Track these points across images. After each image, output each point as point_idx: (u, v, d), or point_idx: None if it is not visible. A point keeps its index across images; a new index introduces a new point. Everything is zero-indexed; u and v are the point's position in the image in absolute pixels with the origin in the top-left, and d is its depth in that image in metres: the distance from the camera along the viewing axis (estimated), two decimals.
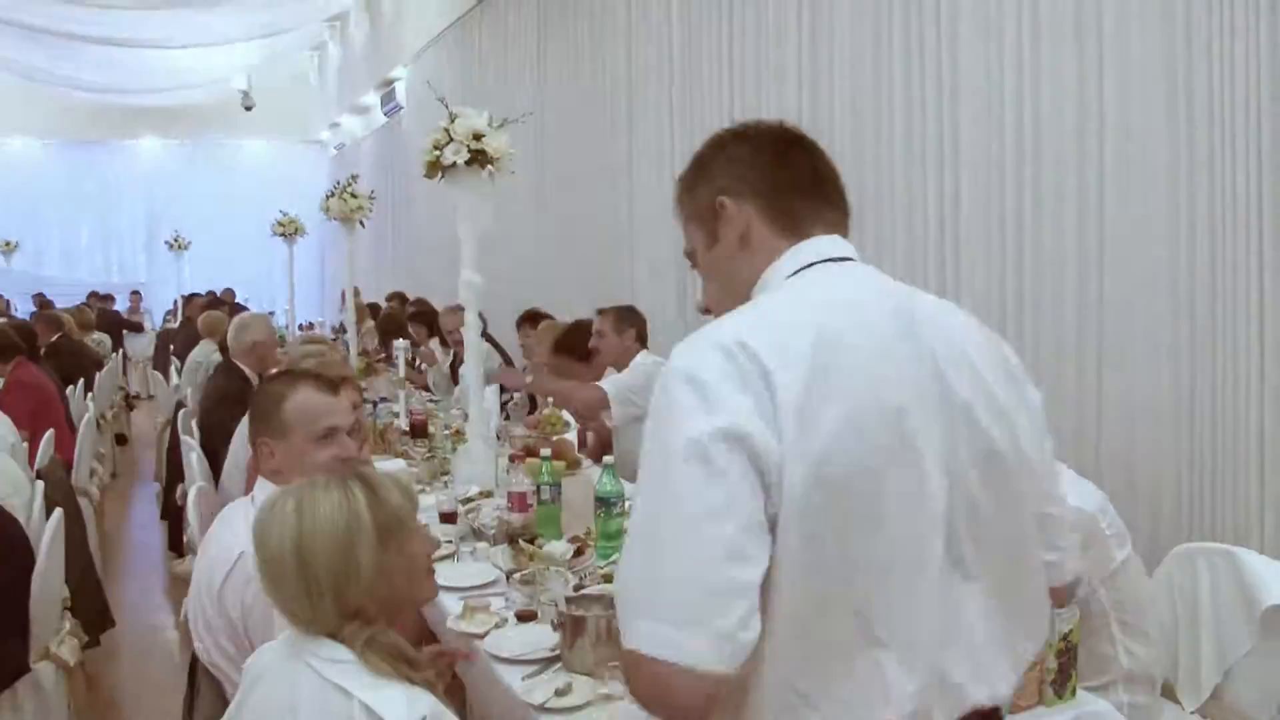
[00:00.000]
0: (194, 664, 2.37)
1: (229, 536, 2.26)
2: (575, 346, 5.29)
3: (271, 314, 10.04)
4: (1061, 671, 2.21)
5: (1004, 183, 3.83)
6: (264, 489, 2.35)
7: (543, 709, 2.17)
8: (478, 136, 3.96)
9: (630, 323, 5.00)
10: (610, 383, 4.81)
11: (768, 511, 1.26)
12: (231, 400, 4.70)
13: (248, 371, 5.15)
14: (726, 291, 1.56)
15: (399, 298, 10.02)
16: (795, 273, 1.49)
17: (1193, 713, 2.75)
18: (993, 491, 1.42)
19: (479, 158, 3.98)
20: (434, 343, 7.72)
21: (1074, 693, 2.23)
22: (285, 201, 11.34)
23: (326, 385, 2.52)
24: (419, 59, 11.21)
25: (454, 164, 3.96)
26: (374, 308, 9.98)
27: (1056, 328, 3.64)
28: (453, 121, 3.97)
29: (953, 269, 4.10)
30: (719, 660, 1.22)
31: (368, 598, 1.70)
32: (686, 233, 1.65)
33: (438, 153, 3.97)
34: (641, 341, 5.01)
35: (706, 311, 1.61)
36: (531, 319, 6.21)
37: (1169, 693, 2.75)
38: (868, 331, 1.39)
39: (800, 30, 4.88)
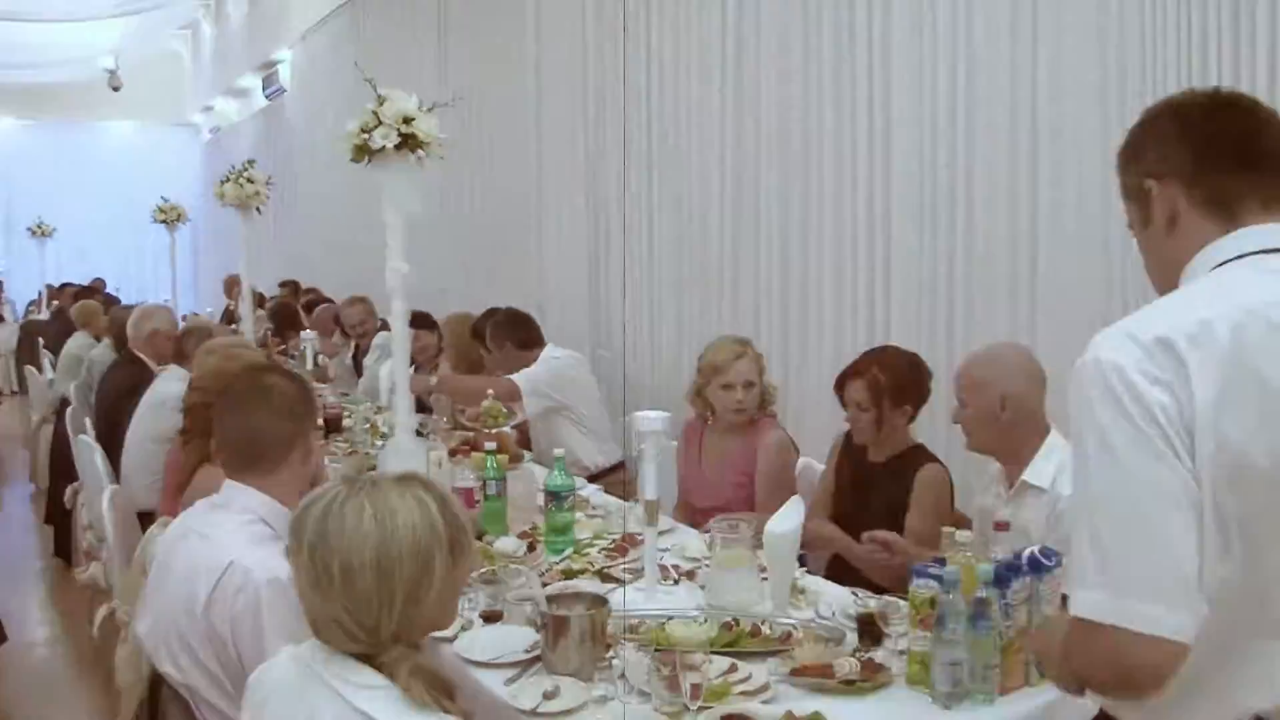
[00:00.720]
0: (153, 685, 2.22)
1: (208, 547, 2.11)
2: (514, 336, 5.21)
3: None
4: None
5: (936, 179, 3.87)
6: (240, 493, 2.21)
7: (534, 714, 2.10)
8: (407, 120, 3.81)
9: (506, 334, 4.96)
10: (522, 375, 4.71)
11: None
12: (134, 394, 4.48)
13: (149, 363, 4.92)
14: (1158, 273, 1.56)
15: (291, 287, 9.71)
16: (1223, 264, 1.45)
17: None
18: None
19: (408, 142, 3.84)
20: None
21: None
22: (156, 187, 10.87)
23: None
24: (305, 41, 10.87)
25: (382, 148, 3.81)
26: (260, 298, 9.63)
27: (989, 323, 3.69)
28: (381, 104, 3.81)
29: (883, 268, 4.14)
30: (1189, 633, 1.30)
31: (427, 618, 1.59)
32: (1126, 208, 1.62)
33: (365, 136, 3.81)
34: (527, 345, 4.93)
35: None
36: (418, 323, 6.03)
37: None
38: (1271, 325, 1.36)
39: (724, 17, 4.86)
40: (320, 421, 4.80)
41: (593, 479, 4.39)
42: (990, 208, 3.69)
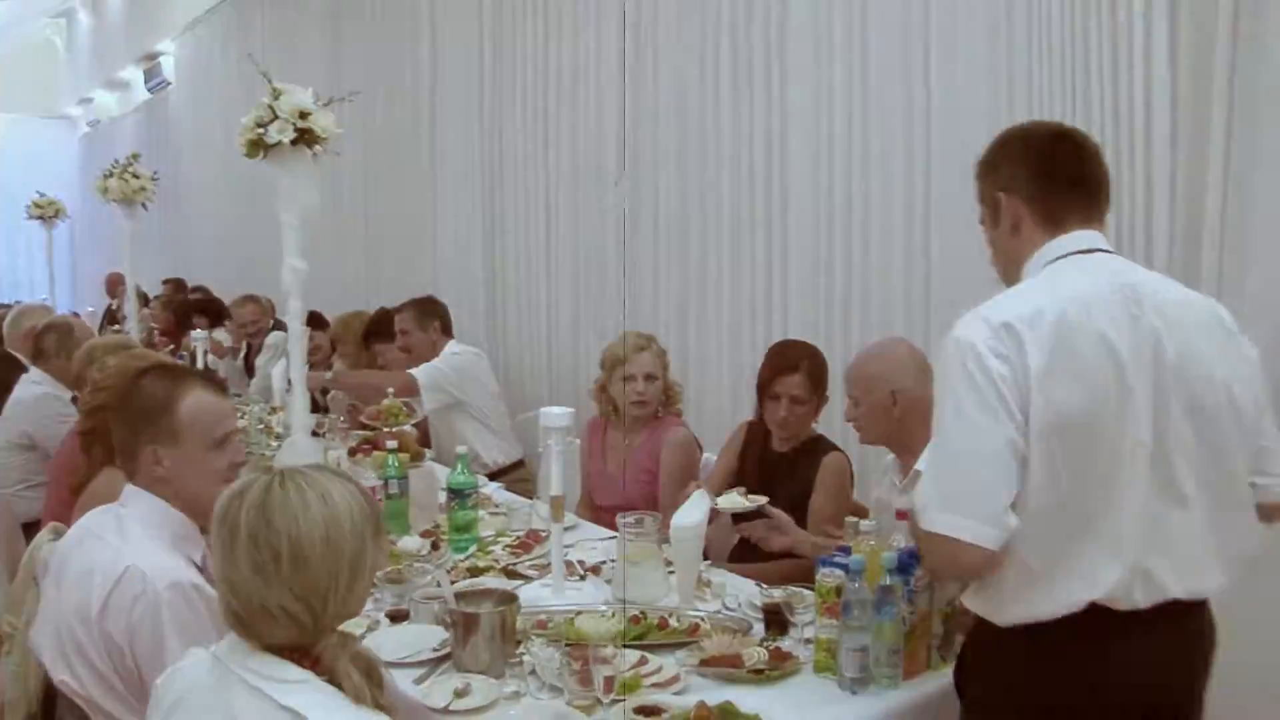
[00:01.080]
0: (48, 698, 2.14)
1: (104, 552, 2.04)
2: (385, 332, 5.15)
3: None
4: (947, 636, 2.30)
5: (832, 182, 3.93)
6: (137, 498, 2.13)
7: (446, 712, 2.09)
8: (304, 114, 3.74)
9: (433, 314, 4.94)
10: (422, 370, 4.69)
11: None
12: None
13: (25, 362, 4.77)
14: (1002, 264, 2.03)
15: (174, 285, 9.44)
16: (1053, 261, 1.90)
17: None
18: (1203, 434, 1.84)
19: (304, 136, 3.77)
20: (219, 333, 7.30)
21: (957, 655, 2.33)
22: (30, 181, 10.41)
23: (215, 385, 2.31)
24: (190, 33, 10.56)
25: (278, 143, 3.73)
26: (144, 297, 9.35)
27: (884, 321, 3.76)
28: (277, 98, 3.74)
29: (780, 268, 4.20)
30: (996, 543, 1.76)
31: (357, 598, 1.58)
32: (981, 209, 2.06)
33: (260, 131, 3.73)
34: (447, 332, 4.93)
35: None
36: (312, 322, 5.92)
37: None
38: (1100, 310, 1.80)
39: (623, 19, 4.87)
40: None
41: (493, 476, 4.38)
42: (885, 209, 3.76)
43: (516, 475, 4.68)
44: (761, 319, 4.25)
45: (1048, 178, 1.93)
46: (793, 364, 3.27)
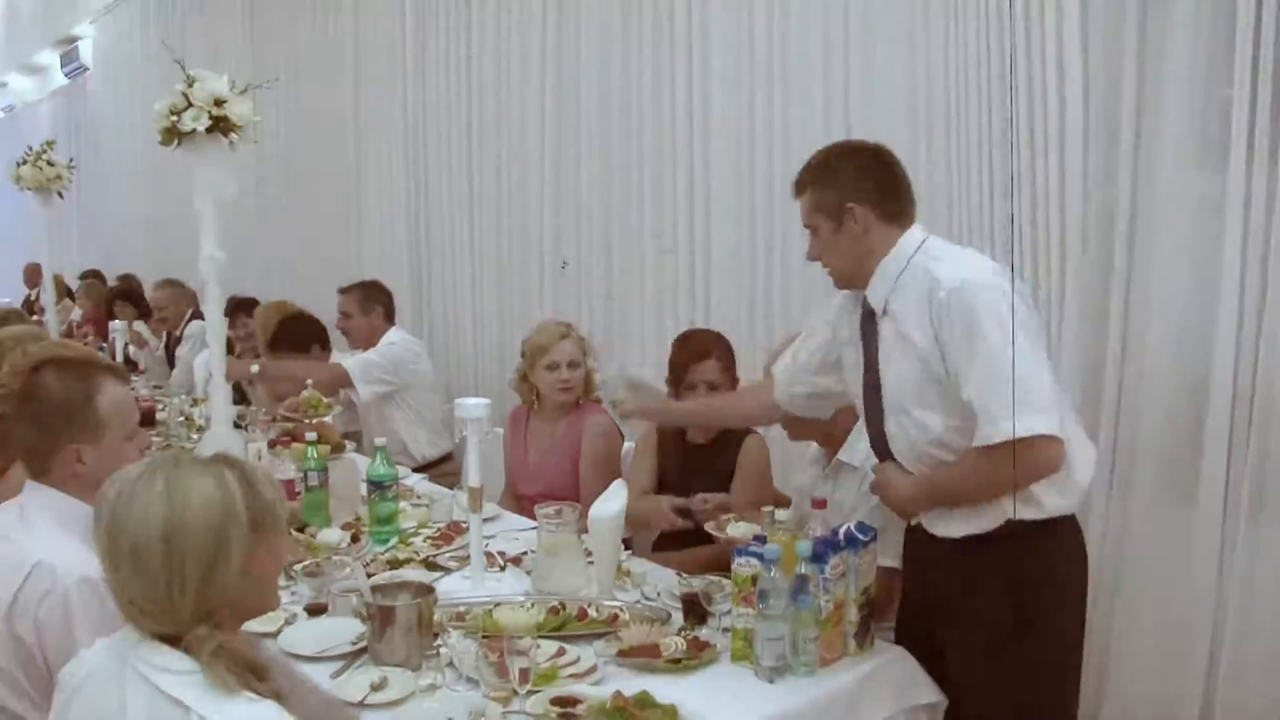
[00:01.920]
0: None
1: (11, 548, 1.98)
2: (295, 341, 5.02)
3: None
4: (863, 623, 2.33)
5: (754, 168, 3.96)
6: (41, 494, 2.08)
7: (363, 706, 2.07)
8: (219, 102, 3.67)
9: (376, 300, 4.86)
10: (353, 361, 4.64)
11: None
12: None
13: None
14: (846, 263, 2.36)
15: (95, 275, 9.23)
16: (918, 249, 2.29)
17: None
18: None
19: (220, 124, 3.71)
20: (140, 325, 7.16)
21: (872, 643, 2.37)
22: None
23: (120, 374, 2.26)
24: (109, 16, 10.31)
25: (193, 131, 3.66)
26: (64, 288, 9.13)
27: (806, 310, 3.78)
28: (191, 85, 3.66)
29: (703, 256, 4.22)
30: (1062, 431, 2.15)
31: (227, 597, 1.54)
32: (810, 217, 2.37)
33: (175, 118, 3.65)
34: (389, 319, 4.88)
35: (815, 259, 2.41)
36: (243, 307, 5.83)
37: None
38: None
39: (545, 8, 4.85)
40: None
41: (423, 469, 4.34)
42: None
43: (446, 468, 4.65)
44: (684, 306, 4.27)
45: (886, 189, 2.33)
46: (704, 350, 3.29)
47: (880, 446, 2.39)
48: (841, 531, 2.32)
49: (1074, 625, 2.36)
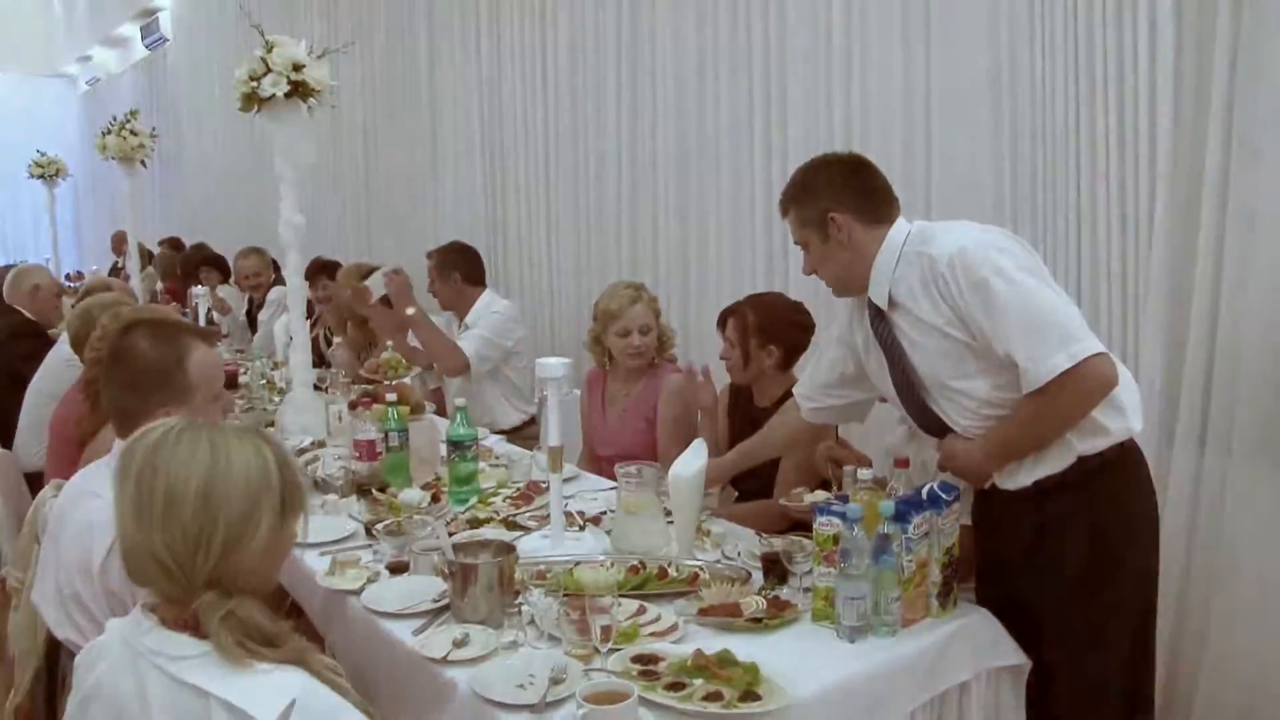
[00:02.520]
0: (51, 653, 2.15)
1: (104, 505, 2.03)
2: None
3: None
4: (945, 584, 2.30)
5: (831, 124, 3.89)
6: None
7: (445, 662, 2.09)
8: (297, 67, 3.71)
9: (453, 265, 4.78)
10: (472, 346, 4.53)
11: None
12: (26, 346, 4.38)
13: (32, 317, 4.80)
14: (840, 271, 2.46)
15: (172, 243, 9.42)
16: (906, 239, 2.37)
17: None
18: None
19: (299, 89, 3.74)
20: (224, 289, 7.29)
21: (955, 603, 2.33)
22: (31, 141, 10.37)
23: (209, 339, 2.32)
24: None
25: (272, 96, 3.70)
26: (148, 254, 9.35)
27: None
28: (270, 51, 3.70)
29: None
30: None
31: (242, 569, 1.53)
32: (799, 233, 2.49)
33: (254, 84, 3.70)
34: (472, 281, 4.79)
35: (812, 272, 2.52)
36: (323, 270, 5.88)
37: None
38: None
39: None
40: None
41: (510, 434, 4.34)
42: (885, 156, 3.71)
43: (528, 432, 4.61)
44: (762, 268, 4.23)
45: (865, 195, 2.41)
46: (732, 309, 3.42)
47: (935, 427, 2.42)
48: (925, 491, 2.28)
49: (1148, 560, 2.38)
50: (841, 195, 2.40)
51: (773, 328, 3.32)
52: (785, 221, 2.54)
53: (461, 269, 4.71)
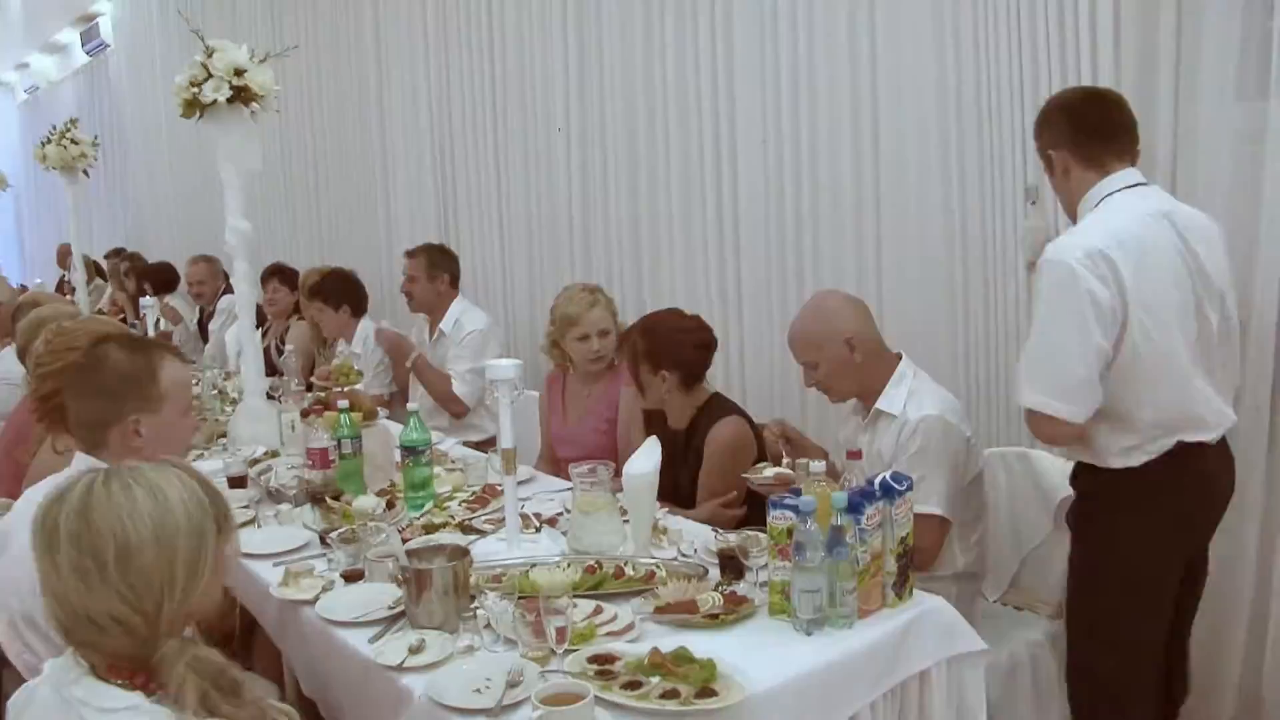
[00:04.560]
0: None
1: None
2: (332, 293, 5.05)
3: None
4: (901, 573, 2.31)
5: (780, 125, 3.90)
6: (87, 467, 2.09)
7: (402, 669, 2.07)
8: (239, 72, 3.67)
9: (443, 266, 4.78)
10: (464, 384, 4.53)
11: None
12: None
13: None
14: (1065, 203, 2.56)
15: (121, 254, 9.28)
16: (1107, 196, 2.42)
17: (995, 601, 2.96)
18: (1223, 324, 2.42)
19: (241, 94, 3.70)
20: (173, 299, 7.21)
21: (911, 593, 2.34)
22: None
23: (180, 355, 2.32)
24: None
25: (214, 102, 3.66)
26: (92, 266, 9.20)
27: (836, 270, 3.77)
28: (210, 55, 3.66)
29: (730, 210, 4.16)
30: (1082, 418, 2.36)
31: (199, 601, 1.50)
32: (1042, 163, 2.60)
33: (195, 90, 3.65)
34: (454, 285, 4.80)
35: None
36: (276, 274, 5.84)
37: None
38: (1159, 231, 2.37)
39: None
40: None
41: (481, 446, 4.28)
42: (833, 155, 3.74)
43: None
44: (714, 264, 4.24)
45: (1083, 132, 2.45)
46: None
47: None
48: (877, 481, 2.29)
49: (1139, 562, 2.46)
50: (1061, 132, 2.50)
51: (662, 352, 3.20)
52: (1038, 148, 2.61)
53: (451, 271, 4.79)
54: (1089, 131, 2.44)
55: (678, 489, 3.11)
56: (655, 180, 4.46)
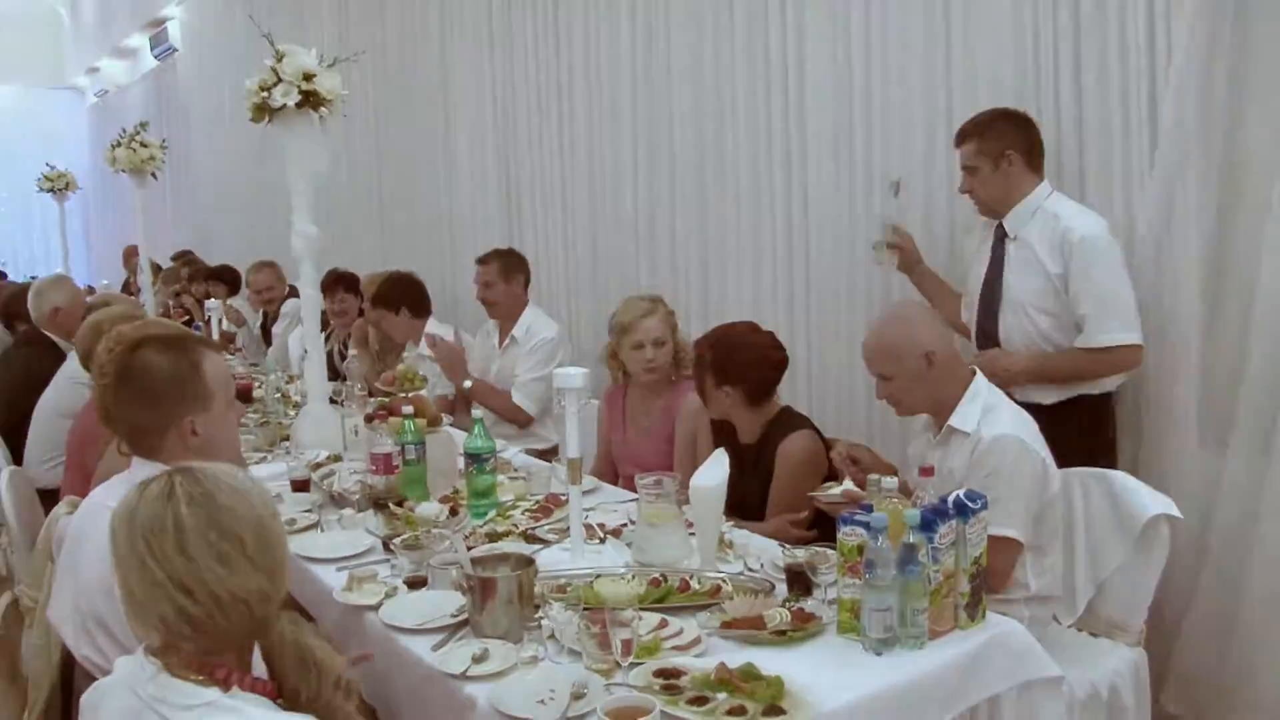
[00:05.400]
0: (67, 672, 2.13)
1: None
2: (390, 298, 5.07)
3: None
4: (974, 595, 2.25)
5: (852, 134, 3.86)
6: (151, 470, 2.10)
7: (465, 678, 2.06)
8: (308, 76, 3.70)
9: (518, 268, 4.82)
10: (526, 394, 4.58)
11: None
12: (35, 373, 4.35)
13: (58, 341, 4.77)
14: (994, 197, 3.17)
15: (185, 258, 9.42)
16: (1049, 196, 3.13)
17: (1068, 626, 2.88)
18: None
19: (310, 99, 3.73)
20: (236, 301, 7.28)
21: (984, 615, 2.29)
22: (40, 154, 10.35)
23: (215, 346, 2.31)
24: None
25: (283, 106, 3.69)
26: (156, 268, 9.33)
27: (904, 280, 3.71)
28: (280, 60, 3.69)
29: (800, 221, 4.12)
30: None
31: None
32: (977, 159, 3.14)
33: (265, 95, 3.68)
34: (527, 288, 4.84)
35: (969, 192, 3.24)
36: (340, 281, 5.87)
37: None
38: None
39: None
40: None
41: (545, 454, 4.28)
42: (904, 151, 3.69)
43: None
44: (783, 278, 4.19)
45: (1032, 142, 3.14)
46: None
47: (985, 335, 3.23)
48: (951, 499, 2.24)
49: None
50: (1019, 140, 3.11)
51: (729, 368, 3.16)
52: (959, 150, 3.19)
53: (525, 273, 4.85)
54: (1034, 144, 3.14)
55: (745, 502, 3.07)
56: (724, 183, 4.41)
